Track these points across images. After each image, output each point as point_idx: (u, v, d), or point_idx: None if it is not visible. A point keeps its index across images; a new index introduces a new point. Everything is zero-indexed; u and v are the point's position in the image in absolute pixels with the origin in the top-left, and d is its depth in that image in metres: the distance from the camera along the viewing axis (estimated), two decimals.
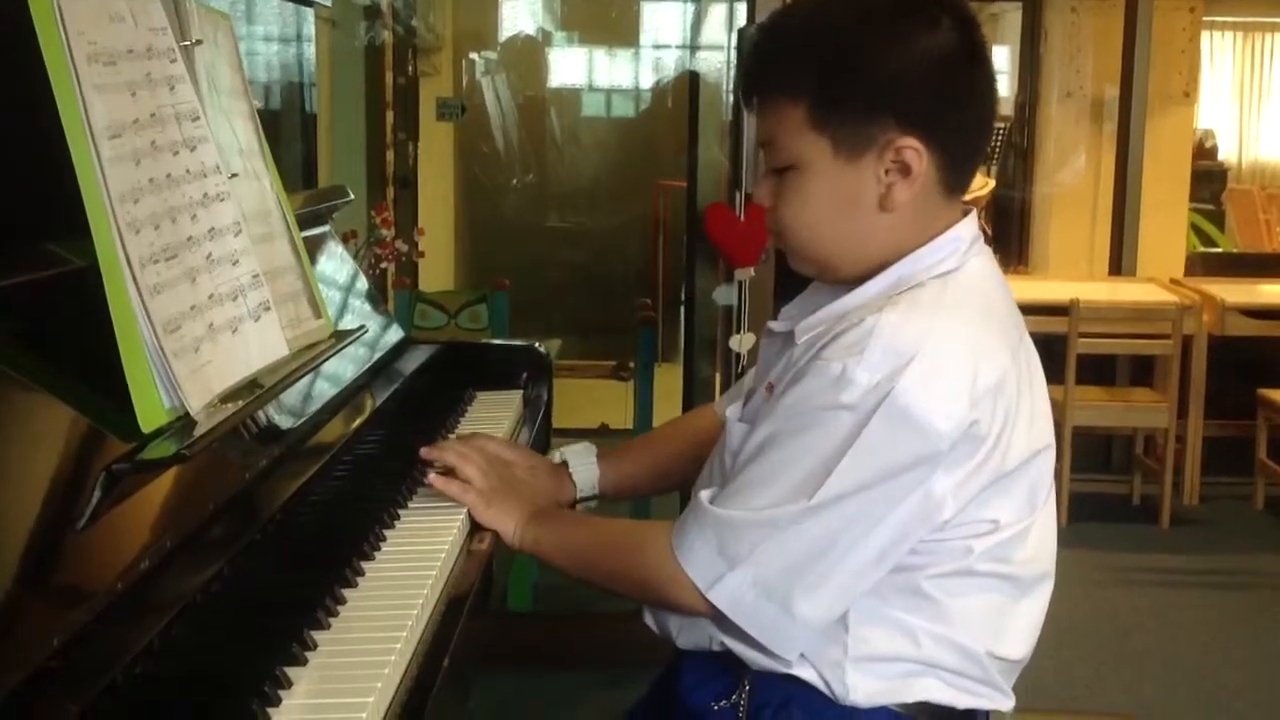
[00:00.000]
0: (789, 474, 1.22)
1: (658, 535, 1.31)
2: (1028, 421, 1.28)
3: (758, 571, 1.23)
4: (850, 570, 1.23)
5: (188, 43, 1.38)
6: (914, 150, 1.25)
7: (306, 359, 1.47)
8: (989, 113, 1.32)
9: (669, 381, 3.68)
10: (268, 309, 1.40)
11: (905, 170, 1.26)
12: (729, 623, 1.30)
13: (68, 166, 1.11)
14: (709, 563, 1.25)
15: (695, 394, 3.29)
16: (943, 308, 1.24)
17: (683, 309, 4.04)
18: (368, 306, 1.98)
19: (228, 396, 1.27)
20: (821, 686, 1.29)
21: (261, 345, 1.37)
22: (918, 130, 1.25)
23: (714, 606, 1.26)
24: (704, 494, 1.28)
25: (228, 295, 1.32)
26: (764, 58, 1.32)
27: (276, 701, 0.99)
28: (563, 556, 1.42)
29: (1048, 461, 1.31)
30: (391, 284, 3.67)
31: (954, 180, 1.30)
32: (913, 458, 1.20)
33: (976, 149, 1.32)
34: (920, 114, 1.25)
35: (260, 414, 1.38)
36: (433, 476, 1.46)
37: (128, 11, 1.26)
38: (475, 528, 1.44)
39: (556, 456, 1.62)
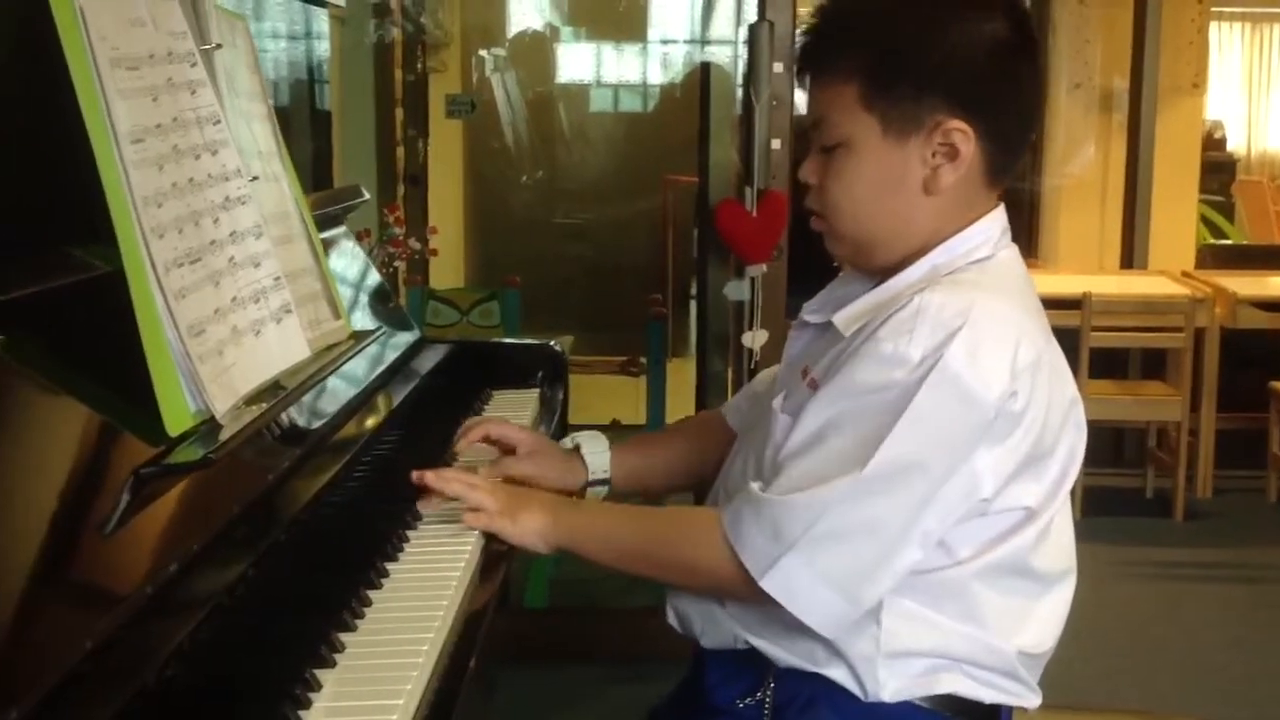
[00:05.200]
0: (841, 450, 1.22)
1: (707, 522, 1.30)
2: (1061, 405, 1.29)
3: (813, 554, 1.23)
4: (902, 549, 1.23)
5: (207, 46, 1.39)
6: (962, 133, 1.27)
7: (327, 360, 1.47)
8: (1036, 104, 1.35)
9: (679, 376, 3.68)
10: (289, 311, 1.41)
11: (953, 154, 1.28)
12: (756, 620, 1.30)
13: (92, 172, 1.12)
14: (763, 548, 1.24)
15: (708, 389, 3.30)
16: (983, 287, 1.27)
17: (694, 304, 4.04)
18: (384, 306, 1.98)
19: (251, 399, 1.27)
20: (850, 683, 1.29)
21: (283, 347, 1.38)
22: (966, 114, 1.27)
23: (766, 594, 1.25)
24: (754, 484, 1.27)
25: (250, 298, 1.33)
26: (819, 37, 1.34)
27: (307, 704, 1.00)
28: (600, 546, 1.39)
29: (1079, 448, 1.32)
30: (403, 282, 3.68)
31: (998, 168, 1.32)
32: (961, 426, 1.21)
33: (1022, 139, 1.34)
34: (970, 98, 1.27)
35: (282, 415, 1.38)
36: (466, 516, 1.38)
37: (148, 16, 1.26)
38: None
39: (569, 442, 1.62)
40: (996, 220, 1.33)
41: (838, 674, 1.30)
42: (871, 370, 1.23)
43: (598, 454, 1.60)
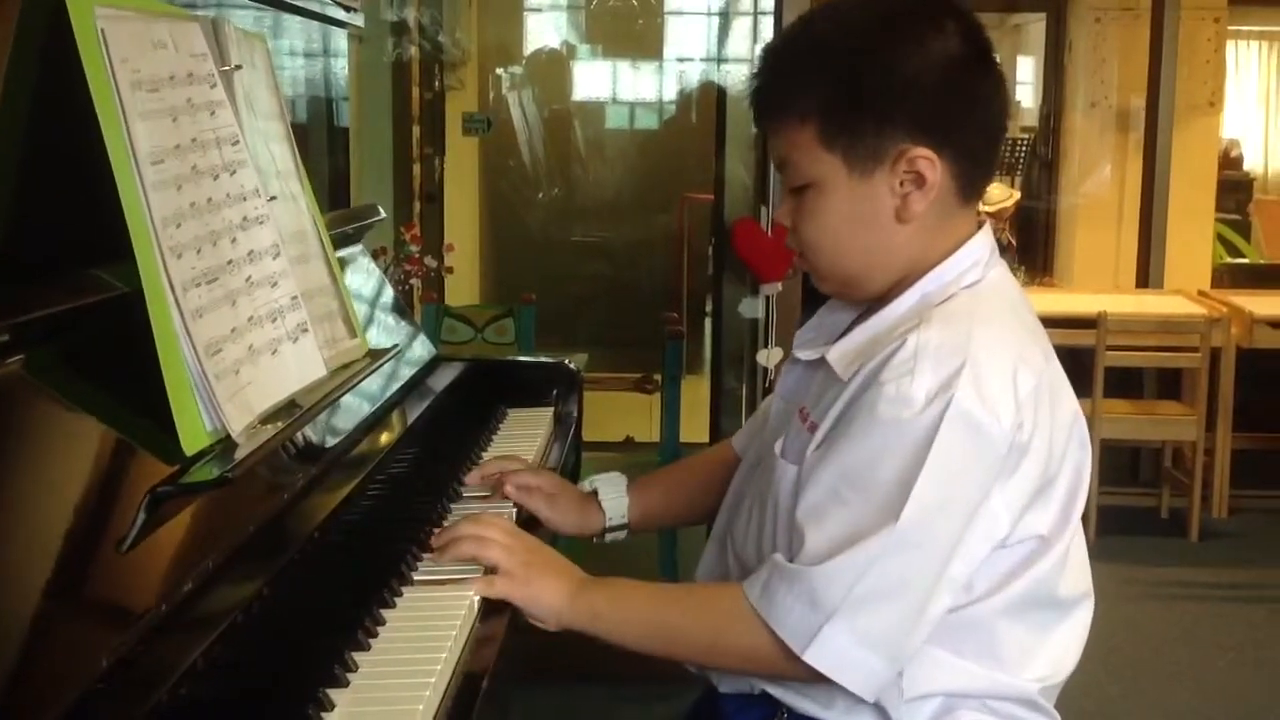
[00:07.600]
0: (866, 505, 1.19)
1: (732, 600, 1.25)
2: (1064, 425, 1.27)
3: (854, 618, 1.18)
4: (936, 599, 1.20)
5: (227, 68, 1.40)
6: (927, 160, 1.25)
7: (343, 379, 1.48)
8: (1000, 115, 1.32)
9: (693, 393, 3.68)
10: (305, 330, 1.41)
11: (920, 181, 1.26)
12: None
13: (112, 193, 1.13)
14: (801, 620, 1.19)
15: (722, 406, 3.30)
16: (977, 316, 1.25)
17: (709, 322, 4.04)
18: (400, 324, 1.99)
19: (267, 418, 1.28)
20: None
21: (300, 366, 1.38)
22: (929, 139, 1.25)
23: (812, 669, 1.20)
24: (777, 556, 1.23)
25: (267, 317, 1.34)
26: (770, 81, 1.31)
27: None
28: (618, 631, 1.33)
29: (1085, 466, 1.30)
30: (418, 298, 3.69)
31: (969, 186, 1.30)
32: (979, 463, 1.19)
33: (990, 153, 1.32)
34: (930, 122, 1.25)
35: (297, 434, 1.39)
36: (478, 585, 1.30)
37: (169, 38, 1.28)
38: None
39: (586, 485, 1.62)
40: (984, 242, 1.31)
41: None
42: (880, 417, 1.19)
43: (615, 499, 1.59)
